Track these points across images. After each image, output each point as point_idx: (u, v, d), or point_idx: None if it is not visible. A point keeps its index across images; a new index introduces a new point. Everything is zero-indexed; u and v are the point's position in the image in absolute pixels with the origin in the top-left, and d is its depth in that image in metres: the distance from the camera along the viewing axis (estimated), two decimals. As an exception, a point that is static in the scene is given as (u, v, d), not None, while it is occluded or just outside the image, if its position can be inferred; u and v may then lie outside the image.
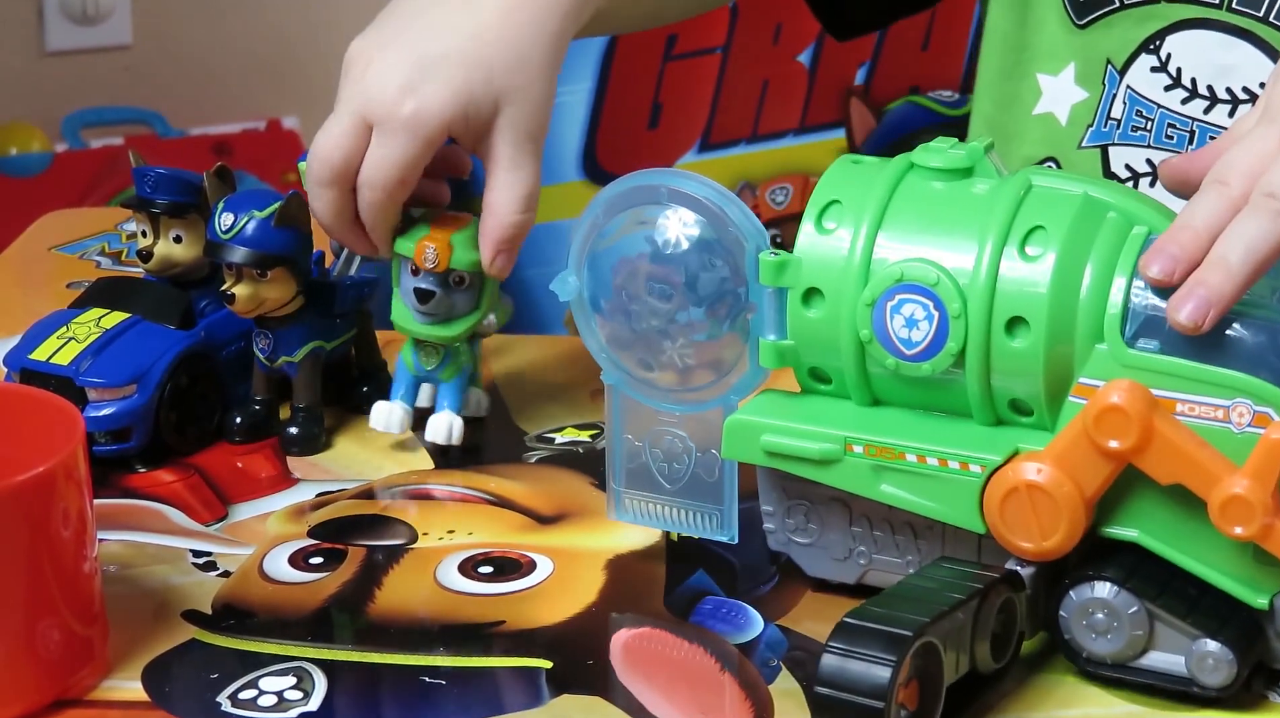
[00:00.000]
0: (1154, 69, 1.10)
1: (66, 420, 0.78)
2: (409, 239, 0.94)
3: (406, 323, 0.95)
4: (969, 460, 0.78)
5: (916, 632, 0.72)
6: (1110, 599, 0.76)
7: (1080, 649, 0.78)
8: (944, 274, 0.79)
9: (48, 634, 0.76)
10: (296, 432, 0.98)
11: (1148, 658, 0.77)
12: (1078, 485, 0.76)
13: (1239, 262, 0.76)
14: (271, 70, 3.04)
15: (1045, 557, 0.77)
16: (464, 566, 0.87)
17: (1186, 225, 0.79)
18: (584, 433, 1.01)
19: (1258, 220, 0.78)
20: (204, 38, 2.98)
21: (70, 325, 0.99)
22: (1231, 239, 0.77)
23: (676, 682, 0.79)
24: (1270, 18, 1.06)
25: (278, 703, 0.77)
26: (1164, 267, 0.77)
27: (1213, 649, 0.75)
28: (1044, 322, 0.78)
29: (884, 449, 0.80)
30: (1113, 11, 1.11)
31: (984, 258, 0.79)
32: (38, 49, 2.89)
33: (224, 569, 0.88)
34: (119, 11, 2.92)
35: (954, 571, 0.78)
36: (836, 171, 0.84)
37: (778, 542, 0.85)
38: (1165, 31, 1.10)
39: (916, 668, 0.73)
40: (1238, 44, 1.07)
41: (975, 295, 0.78)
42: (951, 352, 0.79)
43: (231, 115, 2.95)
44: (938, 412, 0.81)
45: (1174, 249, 0.78)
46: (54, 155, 2.77)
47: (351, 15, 3.33)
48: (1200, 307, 0.76)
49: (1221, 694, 0.76)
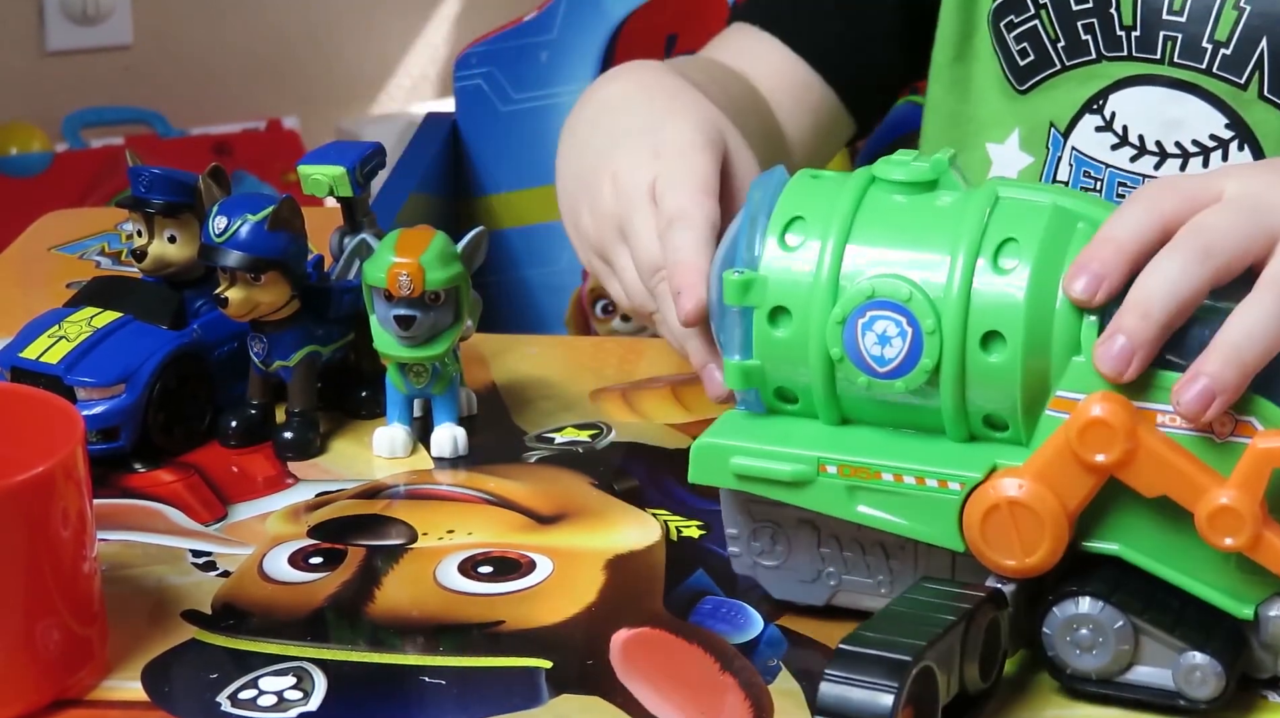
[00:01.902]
0: (1099, 128, 1.10)
1: (66, 420, 0.78)
2: (378, 268, 0.94)
3: (391, 349, 0.95)
4: (947, 478, 0.77)
5: (916, 657, 0.71)
6: (1095, 615, 0.76)
7: (1065, 666, 0.77)
8: (916, 289, 0.78)
9: (47, 634, 0.76)
10: (291, 436, 0.98)
11: (1133, 673, 0.76)
12: (1060, 500, 0.75)
13: (1160, 309, 0.75)
14: (271, 70, 3.05)
15: (1028, 573, 0.76)
16: (463, 565, 0.87)
17: (1110, 239, 0.77)
18: (583, 433, 1.01)
19: (1183, 261, 0.76)
20: (204, 38, 2.99)
21: (62, 324, 0.99)
22: (1153, 281, 0.75)
23: (676, 682, 0.79)
24: (1214, 69, 1.06)
25: (277, 703, 0.77)
26: (1087, 286, 0.76)
27: (1200, 662, 0.74)
28: (1020, 335, 0.77)
29: (859, 469, 0.79)
30: (1054, 74, 1.11)
31: (956, 272, 0.77)
32: (38, 49, 2.89)
33: (223, 569, 0.88)
34: (119, 11, 2.92)
35: (940, 591, 0.76)
36: (796, 186, 0.82)
37: (742, 565, 0.84)
38: (1108, 90, 1.09)
39: (913, 694, 0.72)
40: (1183, 98, 1.07)
41: (949, 310, 0.77)
42: (926, 368, 0.78)
43: (231, 115, 2.95)
44: (909, 429, 0.80)
45: (1096, 267, 0.76)
46: (54, 155, 2.77)
47: (351, 15, 3.35)
48: (1122, 357, 0.75)
49: (1210, 708, 0.75)
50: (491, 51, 1.56)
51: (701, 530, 0.90)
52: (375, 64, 3.12)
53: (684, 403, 1.04)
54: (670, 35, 1.94)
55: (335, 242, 1.05)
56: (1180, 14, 1.07)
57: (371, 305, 0.95)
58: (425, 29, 3.13)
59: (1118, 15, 1.08)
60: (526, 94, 1.56)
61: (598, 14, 1.56)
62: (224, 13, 2.99)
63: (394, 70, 3.13)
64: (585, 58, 1.56)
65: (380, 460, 0.98)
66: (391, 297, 0.94)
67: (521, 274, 1.58)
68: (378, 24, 3.09)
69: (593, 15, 1.56)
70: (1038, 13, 1.10)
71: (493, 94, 1.56)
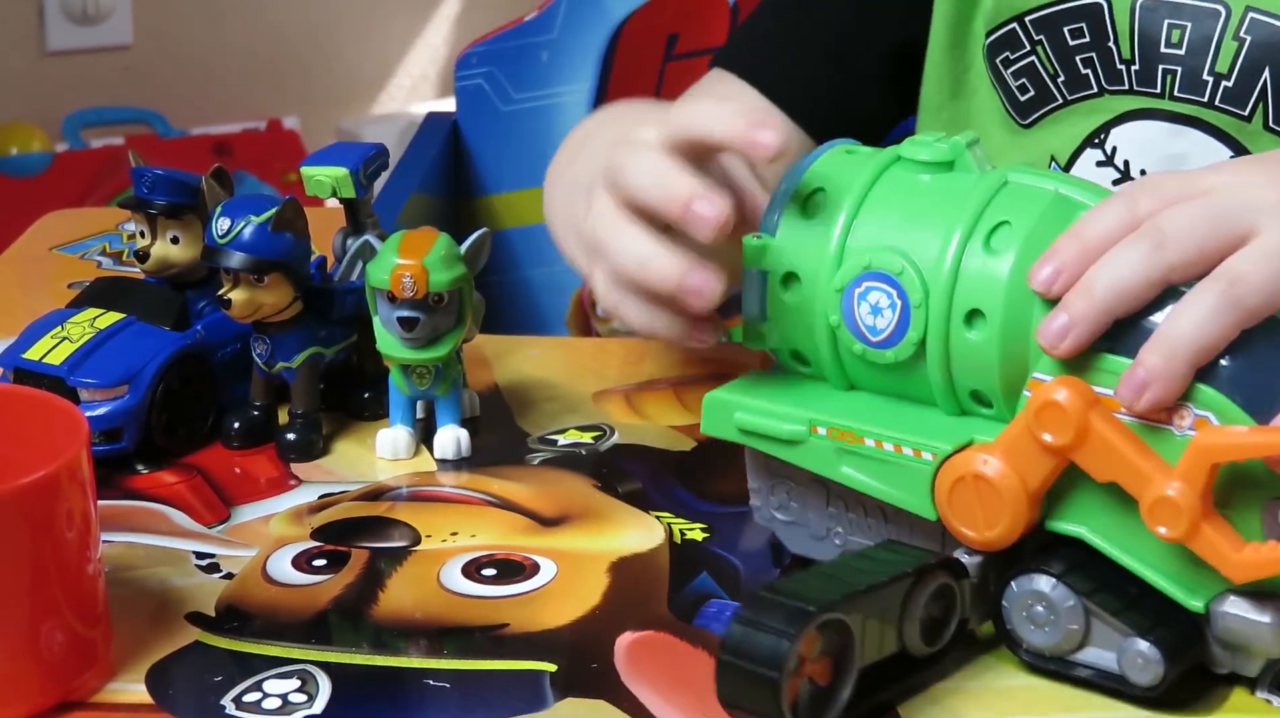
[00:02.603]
0: (1100, 163, 1.09)
1: (70, 423, 0.78)
2: (381, 270, 0.94)
3: (395, 351, 0.95)
4: (922, 448, 0.79)
5: (821, 609, 0.73)
6: (1048, 592, 0.77)
7: (1021, 640, 0.78)
8: (909, 263, 0.80)
9: (51, 637, 0.76)
10: (294, 438, 0.98)
11: (1084, 653, 0.77)
12: (1022, 479, 0.76)
13: (1102, 292, 0.76)
14: (271, 70, 3.05)
15: (989, 547, 0.78)
16: (467, 568, 0.87)
17: (1077, 235, 0.78)
18: (586, 434, 1.01)
19: (1136, 252, 0.76)
20: (204, 38, 2.99)
21: (65, 325, 0.99)
22: (1104, 266, 0.76)
23: (680, 685, 0.78)
24: (1216, 102, 1.05)
25: (282, 706, 0.77)
26: (1046, 278, 0.77)
27: (1142, 648, 0.75)
28: (1000, 314, 0.78)
29: (845, 433, 0.81)
30: (1057, 108, 1.10)
31: (949, 250, 0.79)
32: (38, 49, 2.89)
33: (227, 571, 0.88)
34: (119, 11, 2.92)
35: (893, 552, 0.79)
36: (828, 160, 0.85)
37: (762, 518, 0.86)
38: (1110, 124, 1.08)
39: (829, 644, 0.74)
40: (1186, 132, 1.06)
41: (937, 286, 0.79)
42: (912, 340, 0.80)
43: (231, 115, 2.95)
44: (907, 399, 0.82)
45: (1057, 261, 0.77)
46: (54, 155, 2.77)
47: (351, 15, 3.35)
48: (1058, 332, 0.76)
49: (1149, 694, 0.76)
50: (492, 51, 1.56)
51: (705, 533, 0.90)
52: (375, 64, 3.12)
53: (687, 405, 1.04)
54: (670, 35, 1.94)
55: (338, 243, 1.05)
56: (1179, 46, 1.05)
57: (374, 307, 0.95)
58: (425, 29, 3.13)
59: (1116, 49, 1.07)
60: (527, 94, 1.57)
61: (598, 14, 1.56)
62: (224, 13, 2.99)
63: (394, 70, 3.13)
64: (585, 58, 1.56)
65: (383, 462, 0.98)
66: (395, 298, 0.94)
67: (523, 274, 1.58)
68: (378, 24, 3.09)
69: (593, 15, 1.56)
70: (1034, 48, 1.09)
71: (493, 94, 1.56)
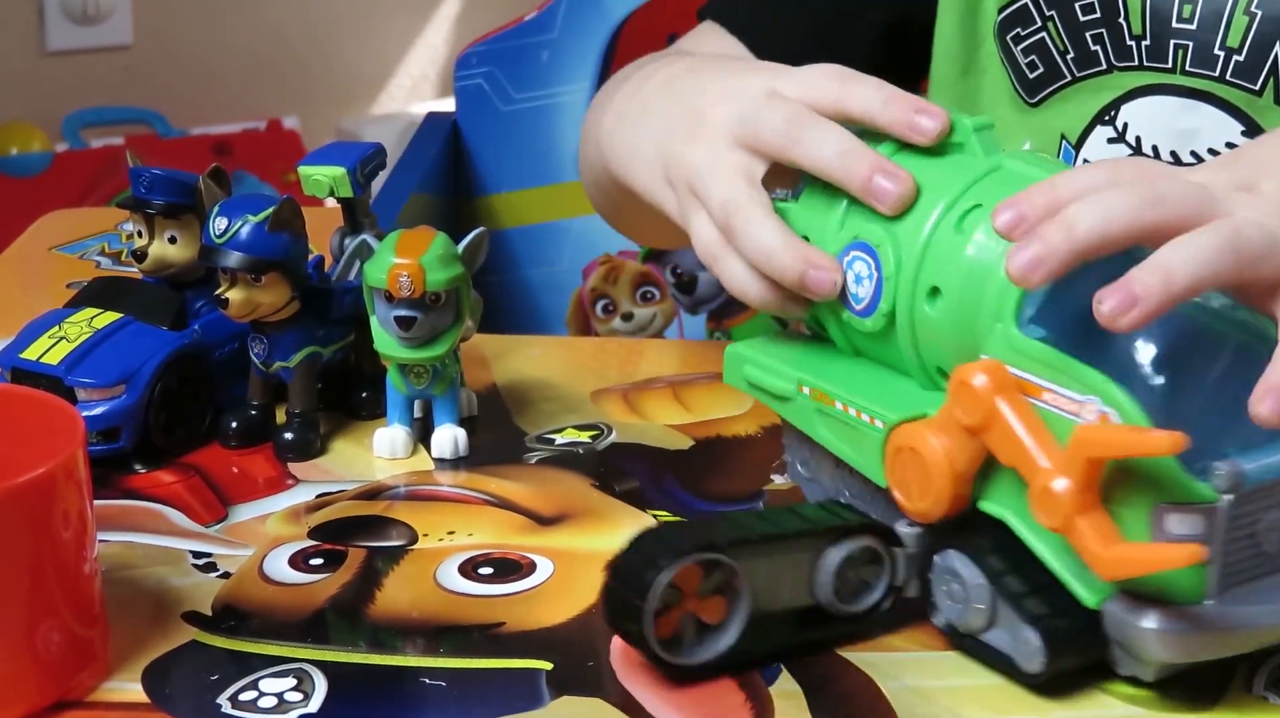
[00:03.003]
0: (1111, 140, 1.09)
1: (67, 422, 0.78)
2: (379, 269, 0.94)
3: (392, 350, 0.96)
4: (876, 415, 0.81)
5: (698, 548, 0.76)
6: (961, 570, 0.79)
7: (939, 613, 0.80)
8: (890, 237, 0.82)
9: (48, 636, 0.76)
10: (291, 437, 0.98)
11: (991, 633, 0.78)
12: (949, 456, 0.77)
13: (1085, 230, 0.74)
14: (271, 70, 3.05)
15: (919, 518, 0.80)
16: (464, 567, 0.87)
17: (1051, 186, 0.76)
18: (584, 434, 1.01)
19: (1128, 199, 0.75)
20: (204, 38, 2.99)
21: (62, 325, 0.99)
22: (1089, 204, 0.74)
23: (676, 684, 0.78)
24: (1227, 76, 1.05)
25: (278, 705, 0.77)
26: (1009, 220, 0.75)
27: (1028, 637, 0.76)
28: (956, 294, 0.79)
29: (822, 394, 0.84)
30: (1065, 86, 1.10)
31: (925, 226, 0.81)
32: (38, 49, 2.89)
33: (224, 571, 0.88)
34: (119, 11, 2.92)
35: (824, 511, 0.82)
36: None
37: (793, 474, 0.89)
38: (1120, 101, 1.08)
39: (719, 585, 0.77)
40: (1197, 106, 1.06)
41: (908, 261, 0.81)
42: (883, 312, 0.82)
43: (231, 115, 2.95)
44: (893, 369, 0.84)
45: (1025, 207, 0.75)
46: (54, 155, 2.77)
47: (351, 15, 3.34)
48: (1030, 262, 0.74)
49: (1035, 682, 0.77)
50: (492, 51, 1.56)
51: (702, 531, 0.90)
52: (375, 64, 3.12)
53: (685, 404, 1.04)
54: (670, 35, 1.94)
55: (336, 242, 1.05)
56: (1190, 21, 1.06)
57: (372, 306, 0.95)
58: (425, 29, 3.13)
59: (1126, 25, 1.07)
60: (527, 94, 1.57)
61: (598, 14, 1.56)
62: (224, 13, 2.99)
63: (394, 70, 3.13)
64: (585, 58, 1.56)
65: (381, 461, 0.98)
66: (392, 297, 0.94)
67: (522, 274, 1.58)
68: (378, 24, 3.09)
69: (593, 15, 1.56)
70: (1045, 24, 1.09)
71: (493, 94, 1.56)
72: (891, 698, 0.77)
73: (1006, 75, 1.12)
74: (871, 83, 0.87)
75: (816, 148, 0.86)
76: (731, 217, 0.88)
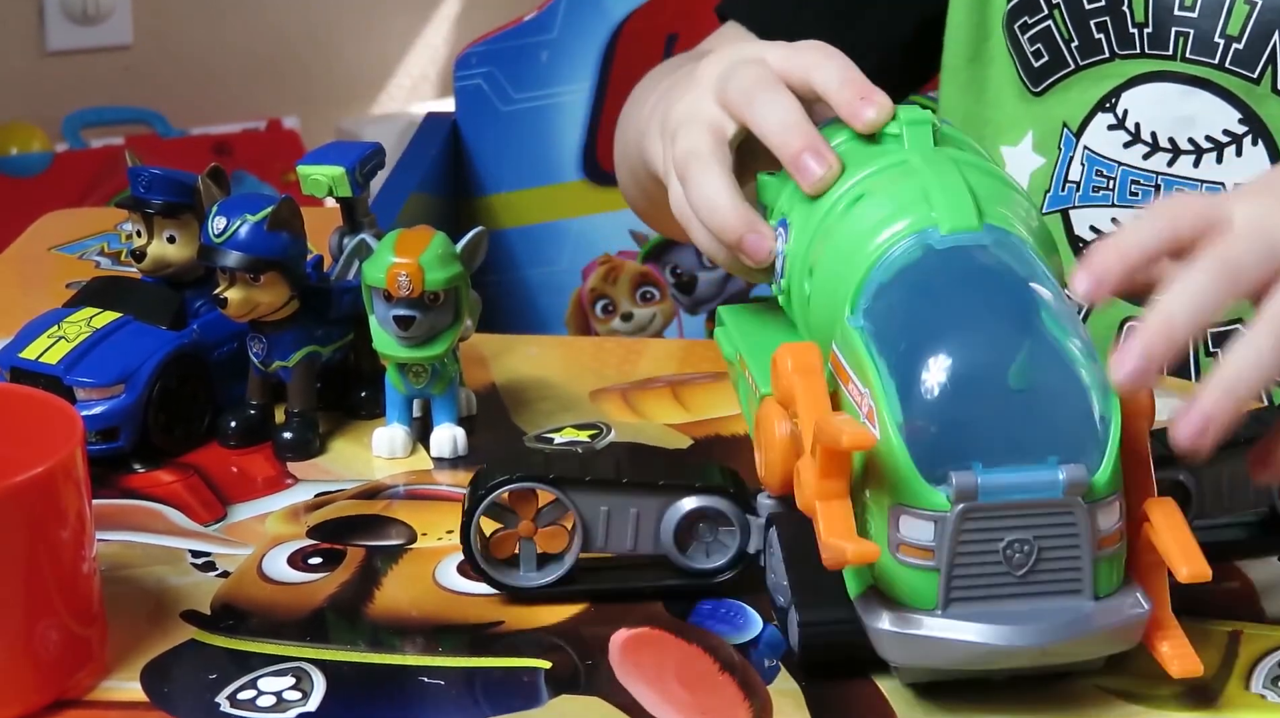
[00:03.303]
0: (1111, 127, 1.10)
1: (65, 421, 0.78)
2: (377, 269, 0.94)
3: (391, 349, 0.96)
4: (759, 386, 0.84)
5: (525, 477, 0.82)
6: (771, 544, 0.81)
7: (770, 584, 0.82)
8: (800, 213, 0.84)
9: (46, 635, 0.76)
10: (290, 437, 0.98)
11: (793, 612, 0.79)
12: (780, 430, 0.79)
13: (1184, 327, 0.74)
14: (271, 70, 3.05)
15: (766, 488, 0.82)
16: (463, 566, 0.87)
17: (1116, 248, 0.76)
18: (583, 433, 1.01)
19: (1208, 279, 0.75)
20: (204, 38, 2.99)
21: (62, 324, 0.99)
22: (1182, 300, 0.75)
23: (675, 682, 0.79)
24: (1225, 64, 1.06)
25: (276, 704, 0.77)
26: (1088, 290, 0.76)
27: (793, 618, 0.78)
28: (826, 275, 0.82)
29: (743, 363, 0.89)
30: (1068, 74, 1.11)
31: (824, 206, 0.83)
32: (38, 49, 2.89)
33: (223, 570, 0.88)
34: (119, 11, 2.92)
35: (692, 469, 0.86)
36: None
37: None
38: (1121, 89, 1.10)
39: (559, 516, 0.83)
40: (1196, 93, 1.07)
41: (803, 238, 0.84)
42: (782, 286, 0.85)
43: (231, 115, 2.95)
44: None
45: (1097, 268, 0.76)
46: (54, 155, 2.77)
47: (351, 15, 3.34)
48: (1137, 376, 0.73)
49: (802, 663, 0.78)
50: (491, 51, 1.56)
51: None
52: (375, 64, 3.12)
53: (684, 403, 1.04)
54: (670, 35, 1.94)
55: (335, 242, 1.05)
56: (1192, 10, 1.07)
57: (371, 306, 0.95)
58: (425, 29, 3.13)
59: (1130, 13, 1.08)
60: (526, 94, 1.57)
61: (598, 14, 1.57)
62: (224, 13, 2.99)
63: (394, 70, 3.13)
64: (585, 58, 1.56)
65: (379, 461, 0.98)
66: (391, 297, 0.94)
67: (521, 274, 1.58)
68: (378, 24, 3.09)
69: (593, 15, 1.57)
70: (1051, 13, 1.11)
71: (493, 94, 1.56)
72: (890, 697, 0.77)
73: (1013, 65, 1.13)
74: (839, 63, 0.88)
75: (764, 113, 0.88)
76: (687, 166, 0.89)
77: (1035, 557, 0.73)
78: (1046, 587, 0.73)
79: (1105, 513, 0.73)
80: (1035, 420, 0.73)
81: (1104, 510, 0.73)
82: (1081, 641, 0.73)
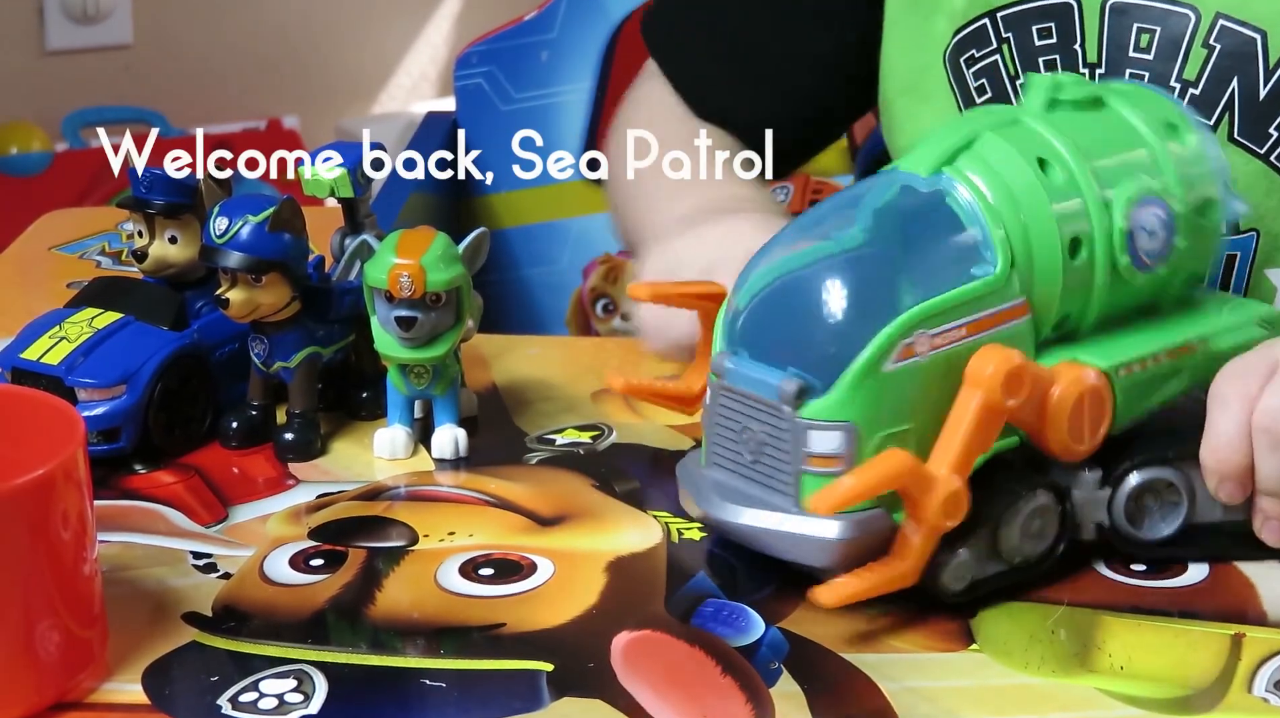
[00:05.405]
0: None
1: (66, 422, 0.78)
2: (379, 269, 0.94)
3: (393, 350, 0.96)
4: None
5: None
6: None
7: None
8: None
9: (47, 637, 0.76)
10: (291, 438, 0.98)
11: None
12: None
13: None
14: (271, 70, 3.04)
15: None
16: (464, 567, 0.87)
17: (1214, 453, 0.84)
18: (585, 434, 1.01)
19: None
20: (204, 38, 2.98)
21: (63, 325, 0.99)
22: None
23: (677, 685, 0.78)
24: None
25: (278, 706, 0.77)
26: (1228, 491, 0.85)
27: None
28: None
29: None
30: None
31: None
32: (38, 49, 2.89)
33: (224, 571, 0.88)
34: (119, 11, 2.92)
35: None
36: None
37: None
38: None
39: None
40: None
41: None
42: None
43: (231, 115, 2.95)
44: None
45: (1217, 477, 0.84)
46: (54, 155, 2.76)
47: (351, 15, 3.34)
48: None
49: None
50: (492, 51, 1.56)
51: (703, 532, 0.90)
52: (375, 64, 3.11)
53: (685, 404, 1.04)
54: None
55: (336, 242, 1.05)
56: (1147, 51, 1.03)
57: (372, 306, 0.95)
58: (425, 29, 3.13)
59: (1082, 51, 1.05)
60: (527, 93, 1.57)
61: (598, 14, 1.56)
62: (224, 13, 2.99)
63: (394, 70, 3.13)
64: (585, 57, 1.56)
65: (381, 462, 0.98)
66: (392, 298, 0.94)
67: (522, 274, 1.58)
68: (378, 24, 3.09)
69: (593, 15, 1.56)
70: (999, 47, 1.07)
71: (493, 93, 1.56)
72: (892, 699, 0.77)
73: (954, 98, 1.10)
74: None
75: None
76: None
77: (761, 450, 0.83)
78: (766, 480, 0.83)
79: (821, 436, 0.80)
80: (805, 334, 0.81)
81: (819, 433, 0.81)
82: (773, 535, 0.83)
